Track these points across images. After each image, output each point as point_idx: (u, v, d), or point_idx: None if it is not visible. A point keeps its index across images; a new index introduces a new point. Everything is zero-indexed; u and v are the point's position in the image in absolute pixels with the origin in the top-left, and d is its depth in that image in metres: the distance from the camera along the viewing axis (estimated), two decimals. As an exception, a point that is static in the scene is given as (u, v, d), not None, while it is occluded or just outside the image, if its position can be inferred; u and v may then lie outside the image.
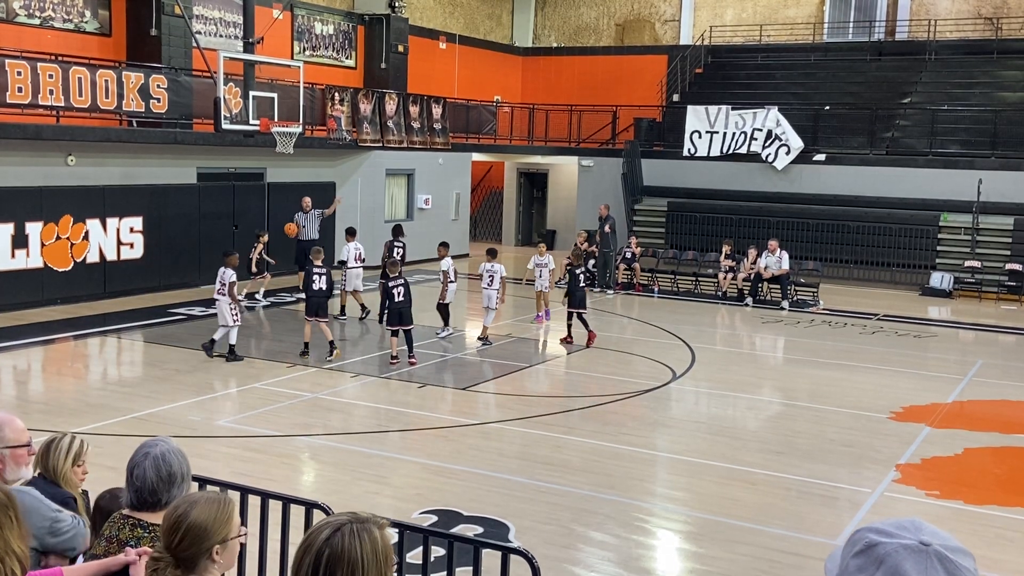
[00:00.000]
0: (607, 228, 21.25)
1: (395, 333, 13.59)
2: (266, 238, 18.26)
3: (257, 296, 18.33)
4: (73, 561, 3.87)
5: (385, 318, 14.45)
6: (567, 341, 15.41)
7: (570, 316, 15.45)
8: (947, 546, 1.57)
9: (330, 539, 2.20)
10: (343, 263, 16.82)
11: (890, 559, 1.56)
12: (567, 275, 15.90)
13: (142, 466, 3.51)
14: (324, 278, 13.68)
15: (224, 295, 13.19)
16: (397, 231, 17.97)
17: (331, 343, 13.71)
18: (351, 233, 17.35)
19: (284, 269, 20.01)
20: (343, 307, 17.04)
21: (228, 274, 13.23)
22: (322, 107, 21.56)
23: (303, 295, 14.65)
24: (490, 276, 15.33)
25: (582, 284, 15.40)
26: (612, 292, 21.25)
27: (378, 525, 2.29)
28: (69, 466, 4.32)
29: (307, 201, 19.29)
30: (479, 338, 15.25)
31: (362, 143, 22.66)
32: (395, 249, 17.20)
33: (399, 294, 13.40)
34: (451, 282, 15.32)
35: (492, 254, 15.80)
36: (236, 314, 13.27)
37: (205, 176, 19.89)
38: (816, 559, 7.31)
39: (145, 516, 3.52)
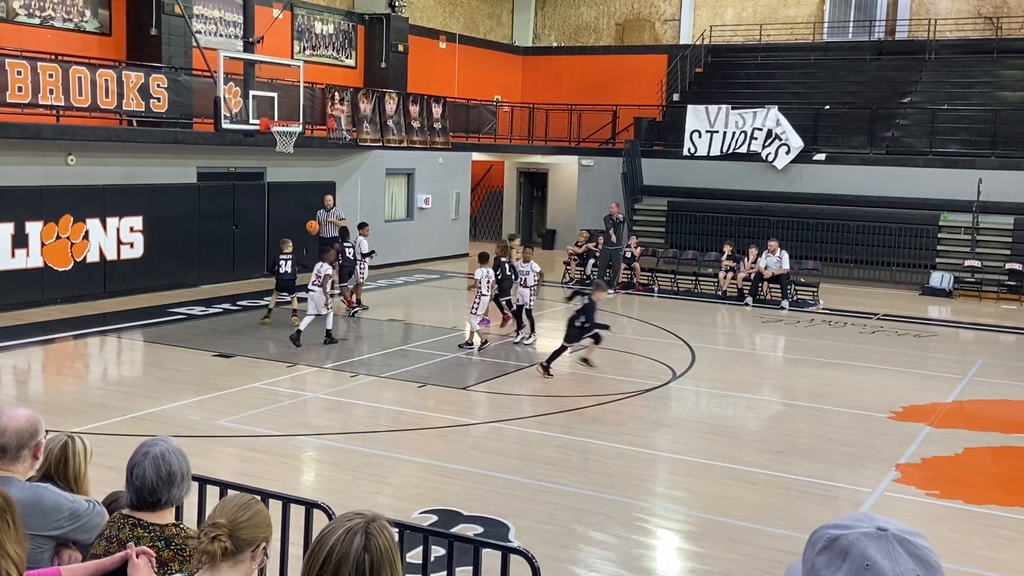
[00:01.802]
0: (614, 225, 21.32)
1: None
2: None
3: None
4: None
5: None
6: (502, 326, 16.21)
7: (497, 301, 16.14)
8: (902, 529, 1.62)
9: (367, 545, 2.24)
10: (368, 255, 17.61)
11: (854, 548, 1.59)
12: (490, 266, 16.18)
13: (142, 466, 3.51)
14: (289, 263, 15.94)
15: (319, 287, 14.49)
16: (344, 234, 17.67)
17: (294, 311, 15.86)
18: (361, 227, 18.08)
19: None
20: (358, 300, 17.63)
21: (324, 268, 14.67)
22: (322, 107, 21.55)
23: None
24: (487, 282, 15.02)
25: (508, 273, 15.96)
26: (612, 292, 21.25)
27: (379, 518, 2.34)
28: (88, 468, 4.35)
29: (329, 199, 19.67)
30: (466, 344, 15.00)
31: (362, 143, 22.65)
32: (345, 250, 17.14)
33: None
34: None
35: (483, 259, 15.60)
36: (329, 303, 14.70)
37: (205, 176, 19.89)
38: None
39: (145, 516, 3.53)
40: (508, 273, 15.99)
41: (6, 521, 3.17)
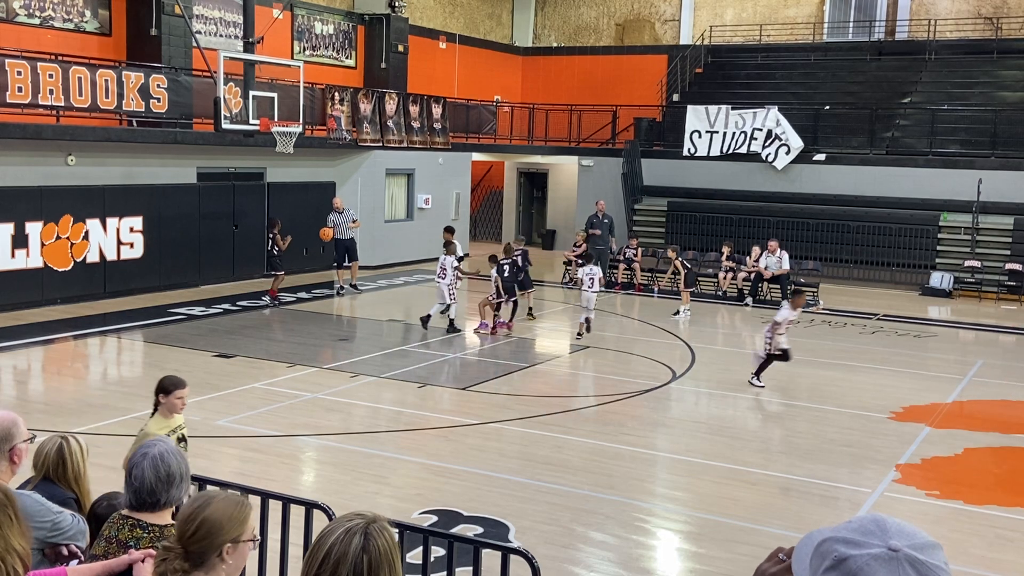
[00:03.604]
0: (596, 225, 21.51)
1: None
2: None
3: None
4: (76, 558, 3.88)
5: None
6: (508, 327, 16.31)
7: (498, 307, 16.28)
8: (915, 545, 1.55)
9: (366, 546, 2.24)
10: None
11: (863, 574, 1.52)
12: (495, 267, 16.42)
13: (140, 466, 3.50)
14: (510, 265, 16.36)
15: (444, 279, 15.66)
16: (272, 223, 18.40)
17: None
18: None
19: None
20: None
21: (450, 260, 15.73)
22: (322, 107, 21.55)
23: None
24: (591, 279, 15.92)
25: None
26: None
27: (380, 520, 2.34)
28: (87, 467, 4.35)
29: (339, 201, 20.14)
30: (579, 334, 15.91)
31: (362, 143, 22.65)
32: (269, 241, 18.12)
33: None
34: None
35: (588, 258, 16.94)
36: (453, 294, 15.75)
37: (205, 176, 19.89)
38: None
39: (144, 516, 3.52)
40: (507, 275, 16.05)
41: (8, 515, 3.16)
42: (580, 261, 22.50)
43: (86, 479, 4.33)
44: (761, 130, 24.90)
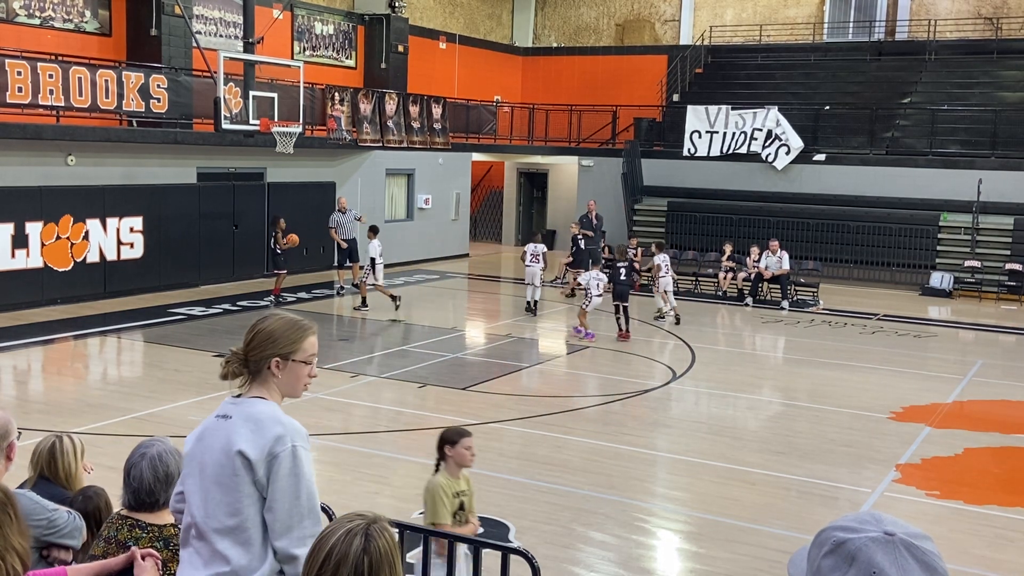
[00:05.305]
0: (587, 226, 21.61)
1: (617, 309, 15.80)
2: None
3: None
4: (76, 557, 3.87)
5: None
6: (623, 337, 15.82)
7: (617, 309, 15.95)
8: (909, 533, 1.62)
9: (366, 547, 2.24)
10: (373, 260, 17.57)
11: (861, 554, 1.59)
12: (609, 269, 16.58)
13: (139, 467, 3.51)
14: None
15: (538, 263, 17.48)
16: (274, 221, 18.60)
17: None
18: (374, 231, 18.00)
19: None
20: (364, 298, 17.82)
21: (541, 248, 17.77)
22: (322, 107, 21.55)
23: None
24: (666, 265, 17.79)
25: (623, 278, 15.98)
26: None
27: (380, 520, 2.34)
28: (79, 466, 4.35)
29: (343, 201, 20.13)
30: (673, 315, 17.50)
31: (362, 143, 22.65)
32: (272, 239, 18.41)
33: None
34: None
35: (660, 246, 18.59)
36: (541, 279, 17.57)
37: (205, 176, 19.89)
38: (816, 559, 7.30)
39: (143, 516, 3.53)
40: (623, 279, 15.87)
41: (8, 514, 3.16)
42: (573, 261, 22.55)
43: (76, 478, 4.32)
44: (761, 130, 24.90)
